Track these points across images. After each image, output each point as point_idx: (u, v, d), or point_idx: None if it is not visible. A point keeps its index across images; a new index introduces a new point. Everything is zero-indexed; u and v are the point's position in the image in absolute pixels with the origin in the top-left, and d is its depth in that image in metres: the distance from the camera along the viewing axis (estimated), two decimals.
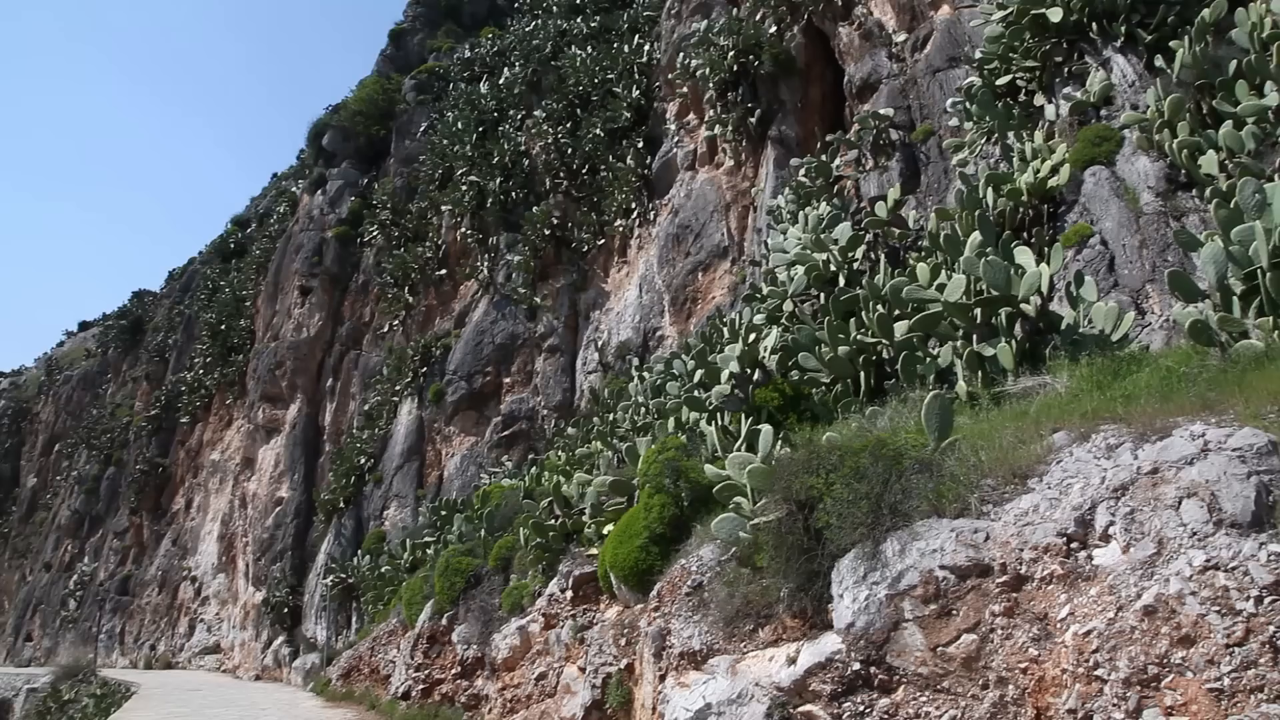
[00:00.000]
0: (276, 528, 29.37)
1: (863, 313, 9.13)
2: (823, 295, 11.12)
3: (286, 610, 27.21)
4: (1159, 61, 9.39)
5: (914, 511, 5.68)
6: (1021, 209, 9.58)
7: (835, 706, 5.65)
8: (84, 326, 71.60)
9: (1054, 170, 9.31)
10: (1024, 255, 7.90)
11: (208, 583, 34.23)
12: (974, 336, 7.74)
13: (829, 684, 5.69)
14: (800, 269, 11.74)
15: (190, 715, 16.00)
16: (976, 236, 8.20)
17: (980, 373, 7.47)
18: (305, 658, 23.62)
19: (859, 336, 8.85)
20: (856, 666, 5.53)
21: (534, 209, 23.65)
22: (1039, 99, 10.78)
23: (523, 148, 25.56)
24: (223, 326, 38.05)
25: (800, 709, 5.90)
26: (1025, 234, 9.42)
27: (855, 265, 11.41)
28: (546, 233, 22.99)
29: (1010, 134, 10.65)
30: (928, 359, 8.11)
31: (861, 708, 5.48)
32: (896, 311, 8.87)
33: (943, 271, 8.61)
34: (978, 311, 7.74)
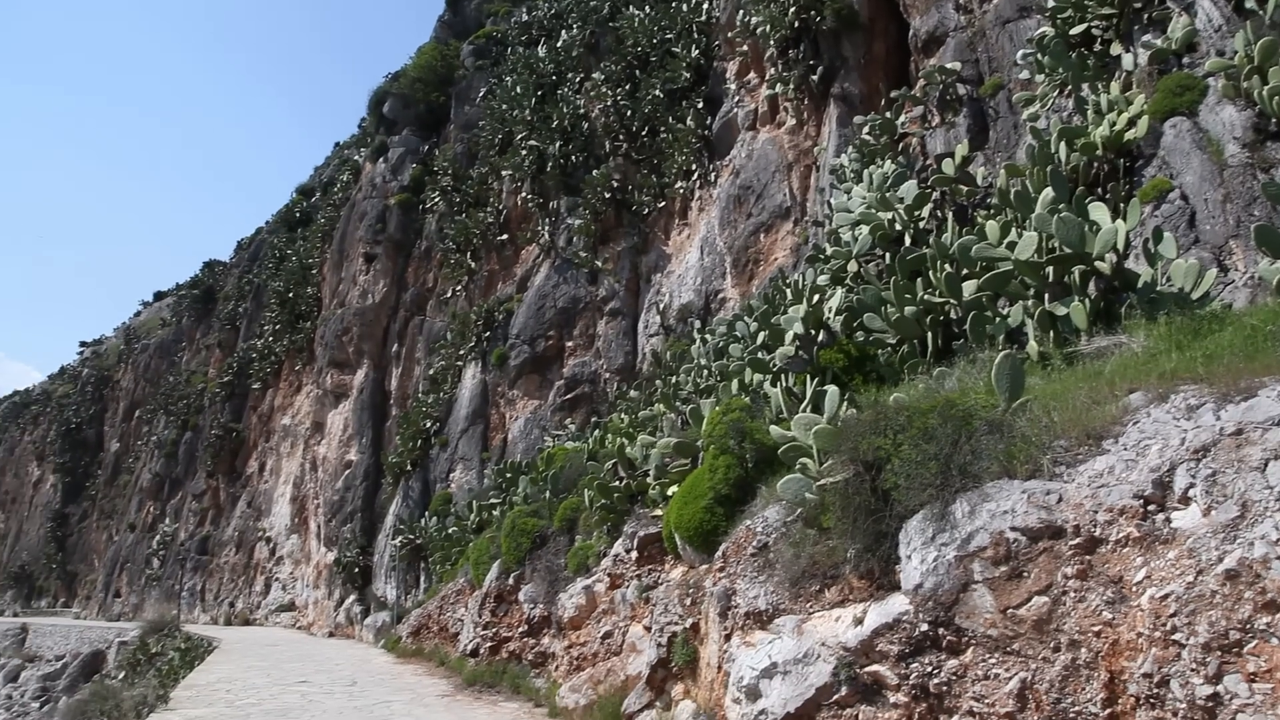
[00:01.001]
0: (346, 490, 30.10)
1: (930, 272, 8.97)
2: (888, 255, 10.96)
3: (357, 570, 27.96)
4: (1249, 3, 8.97)
5: (984, 473, 5.61)
6: (1096, 164, 9.28)
7: (903, 667, 5.64)
8: (159, 296, 73.64)
9: (1131, 122, 8.98)
10: (1099, 211, 7.66)
11: (281, 543, 35.30)
12: (1046, 295, 7.56)
13: (896, 645, 5.68)
14: (865, 228, 11.56)
15: (270, 668, 16.58)
16: (1049, 192, 7.98)
17: (1052, 333, 7.31)
18: (376, 616, 24.26)
19: (926, 296, 8.71)
20: (924, 628, 5.50)
21: (594, 172, 23.61)
22: (1115, 48, 10.38)
23: (582, 111, 25.47)
24: (290, 294, 38.82)
25: (867, 669, 5.91)
26: (1100, 190, 9.13)
27: (921, 224, 11.19)
28: (607, 196, 22.94)
29: (1084, 86, 10.29)
30: (997, 319, 7.95)
31: (929, 668, 5.47)
32: (965, 271, 8.70)
33: (1013, 229, 8.41)
34: (1050, 270, 7.55)
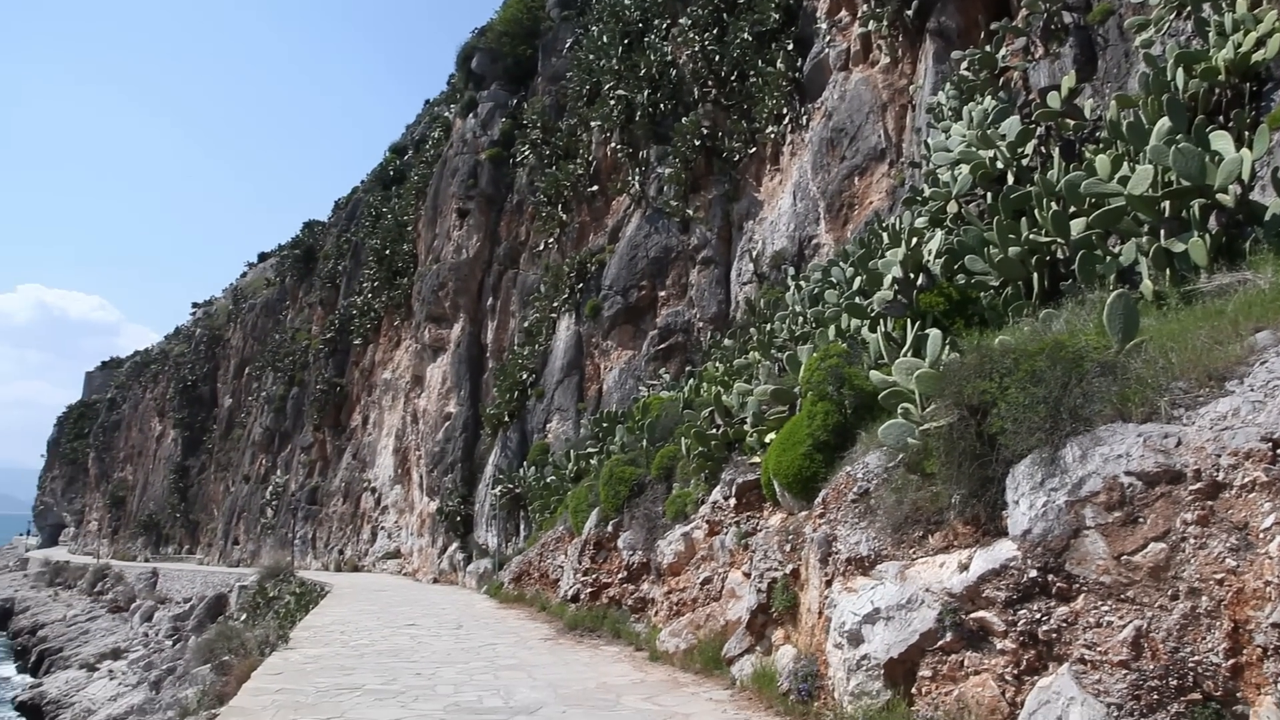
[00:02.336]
0: (446, 441, 30.92)
1: (1035, 211, 8.63)
2: (989, 195, 10.58)
3: (459, 519, 28.79)
4: None
5: (1096, 416, 5.44)
6: (1218, 90, 8.75)
7: (1010, 613, 5.57)
8: (263, 258, 76.18)
9: (1260, 43, 8.40)
10: (1221, 141, 7.23)
11: (386, 493, 36.57)
12: (1161, 231, 7.21)
13: (1003, 591, 5.61)
14: (965, 168, 11.18)
15: (379, 612, 17.30)
16: (1165, 122, 7.57)
17: (1168, 270, 6.99)
18: (478, 563, 25.00)
19: (1031, 236, 8.39)
20: (1033, 574, 5.41)
21: (683, 120, 23.35)
22: None
23: (669, 58, 25.13)
24: (387, 251, 39.67)
25: (972, 615, 5.86)
26: (1222, 118, 8.60)
27: (1025, 161, 10.75)
28: (697, 143, 22.69)
29: (1205, 6, 9.67)
30: (1108, 258, 7.63)
31: (1038, 615, 5.38)
32: (1072, 208, 8.36)
33: (1125, 163, 8.02)
34: (1166, 204, 7.20)
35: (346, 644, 12.53)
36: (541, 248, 29.08)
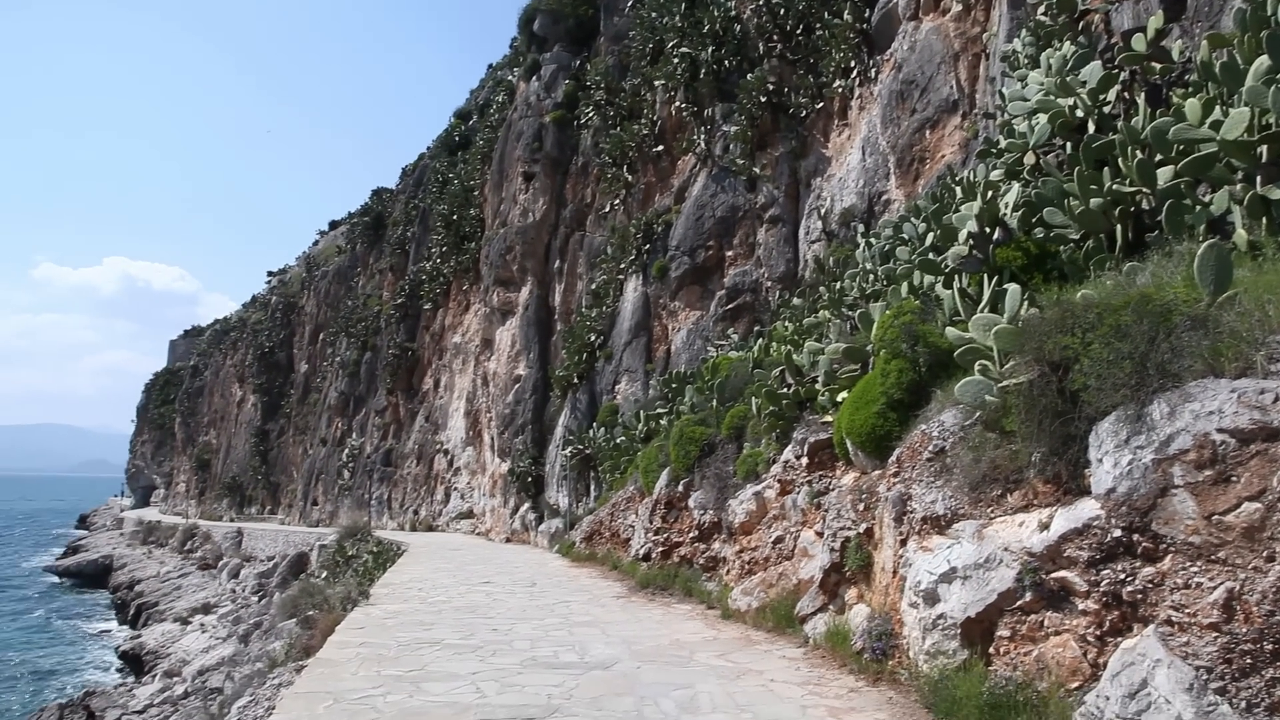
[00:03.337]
0: (516, 403, 31.30)
1: (1118, 160, 8.32)
2: (1069, 144, 10.22)
3: (530, 479, 29.22)
4: None
5: (1185, 371, 5.26)
6: None
7: (1093, 574, 5.46)
8: (333, 226, 77.59)
9: None
10: None
11: (458, 455, 37.24)
12: (1258, 178, 6.89)
13: (1086, 550, 5.49)
14: (1043, 117, 10.80)
15: (454, 570, 17.71)
16: (1263, 61, 7.19)
17: (1264, 219, 6.69)
18: (549, 522, 25.38)
19: (1114, 186, 8.09)
20: (1117, 533, 5.29)
21: (748, 76, 22.98)
22: None
23: (733, 13, 24.69)
24: (454, 217, 40.03)
25: (1053, 575, 5.76)
26: None
27: (1107, 109, 10.34)
28: (762, 100, 22.33)
29: None
30: (1198, 207, 7.33)
31: (1123, 575, 5.26)
32: (1159, 156, 8.03)
33: (1217, 106, 7.66)
34: (1263, 149, 6.86)
35: (424, 600, 12.86)
36: (607, 209, 29.04)
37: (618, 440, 21.67)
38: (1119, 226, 8.14)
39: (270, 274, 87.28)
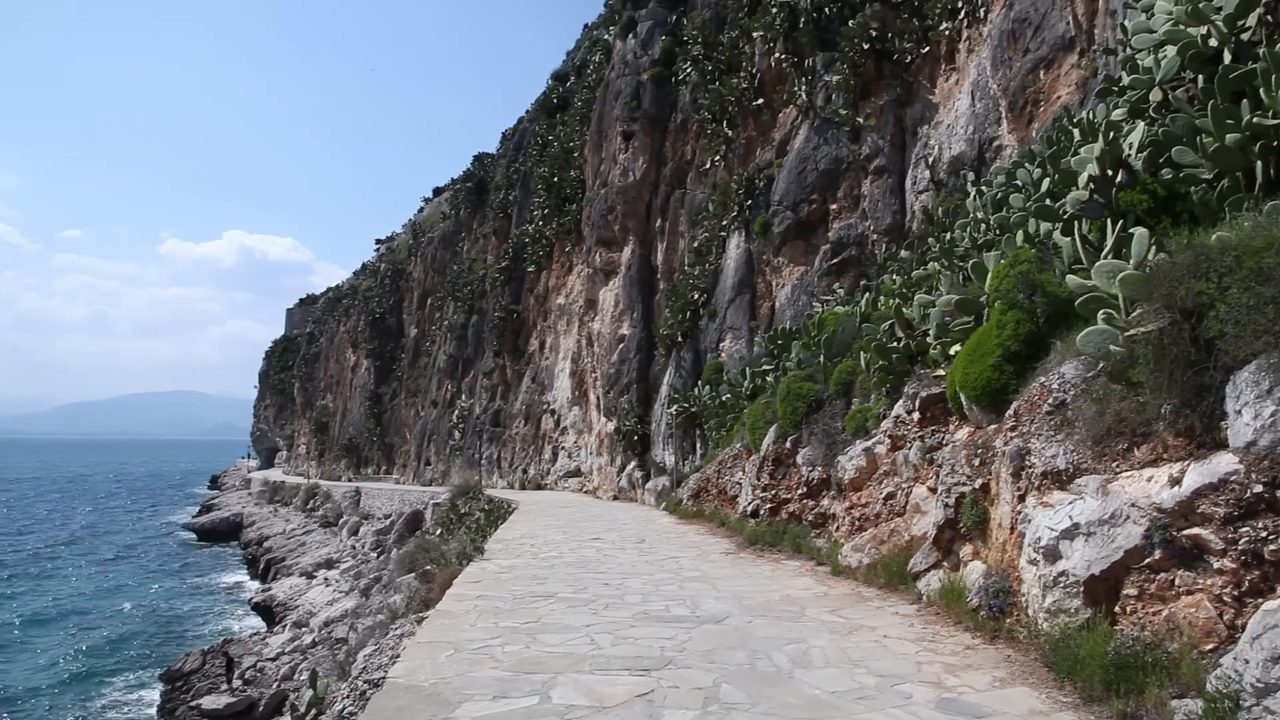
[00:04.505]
0: (621, 363, 31.55)
1: (1260, 90, 7.77)
2: (1201, 77, 9.60)
3: (636, 438, 29.50)
4: None
5: None
6: None
7: (1229, 531, 5.20)
8: (437, 192, 79.10)
9: None
10: None
11: (564, 414, 37.84)
12: None
13: (1222, 507, 5.24)
14: (1171, 49, 10.16)
15: (564, 527, 18.05)
16: None
17: None
18: (656, 480, 25.60)
19: (1254, 120, 7.58)
20: (1258, 489, 5.02)
21: (850, 23, 22.33)
22: None
23: None
24: (555, 179, 40.31)
25: (1185, 532, 5.51)
26: None
27: (1246, 35, 9.66)
28: (865, 47, 21.68)
29: None
30: None
31: (1264, 533, 5.00)
32: None
33: None
34: None
35: (536, 556, 13.16)
36: (708, 166, 28.79)
37: (723, 398, 21.65)
38: (1259, 163, 7.63)
39: (378, 241, 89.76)
